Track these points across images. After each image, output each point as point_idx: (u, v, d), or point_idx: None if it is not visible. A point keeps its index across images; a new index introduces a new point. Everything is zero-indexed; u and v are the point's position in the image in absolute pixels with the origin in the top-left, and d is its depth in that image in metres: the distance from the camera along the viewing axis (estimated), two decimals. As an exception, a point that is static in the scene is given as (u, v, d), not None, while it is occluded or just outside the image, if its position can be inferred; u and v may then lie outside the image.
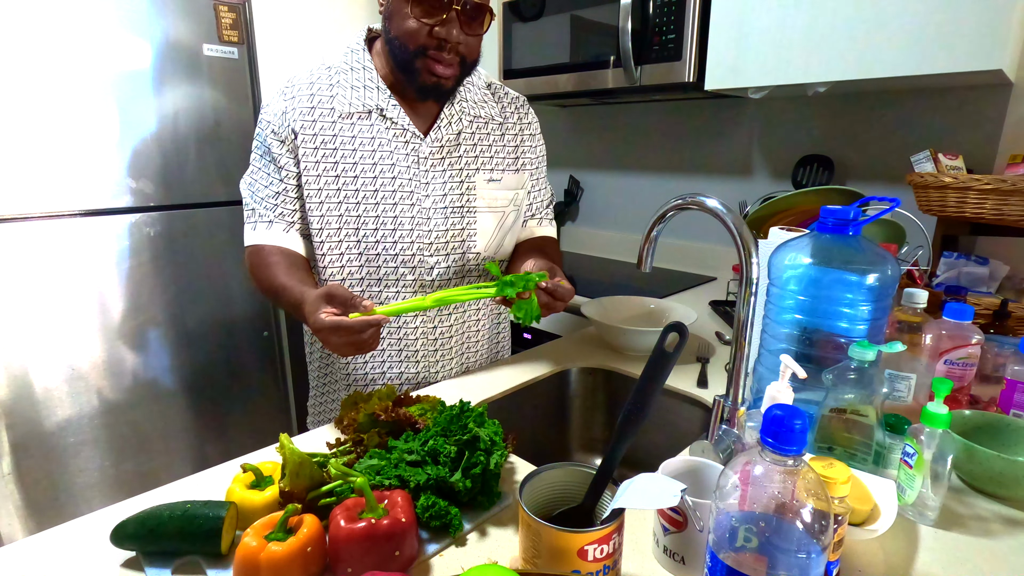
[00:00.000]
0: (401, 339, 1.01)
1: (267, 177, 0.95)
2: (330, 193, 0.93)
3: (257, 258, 0.95)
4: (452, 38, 0.85)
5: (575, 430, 1.16)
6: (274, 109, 0.94)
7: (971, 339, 0.82)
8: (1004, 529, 0.63)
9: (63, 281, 1.51)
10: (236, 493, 0.62)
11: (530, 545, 0.51)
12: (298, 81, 0.95)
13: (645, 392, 0.54)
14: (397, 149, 0.94)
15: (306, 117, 0.92)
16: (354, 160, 0.93)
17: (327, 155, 0.92)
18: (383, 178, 0.94)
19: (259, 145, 0.96)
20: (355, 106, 0.93)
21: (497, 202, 1.02)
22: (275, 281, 0.90)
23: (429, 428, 0.69)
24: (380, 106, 0.93)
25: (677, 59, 1.45)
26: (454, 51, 0.87)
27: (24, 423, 1.49)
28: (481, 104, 1.01)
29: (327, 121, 0.92)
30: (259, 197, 0.95)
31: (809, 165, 1.60)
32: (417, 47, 0.86)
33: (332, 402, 1.08)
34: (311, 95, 0.93)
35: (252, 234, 0.97)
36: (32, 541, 0.61)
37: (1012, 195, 1.02)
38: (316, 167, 0.92)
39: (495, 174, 1.02)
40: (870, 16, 1.17)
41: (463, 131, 0.99)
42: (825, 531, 0.41)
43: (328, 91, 0.93)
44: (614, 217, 2.20)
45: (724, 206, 0.69)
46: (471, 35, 0.88)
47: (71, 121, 1.46)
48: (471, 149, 1.00)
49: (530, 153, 1.07)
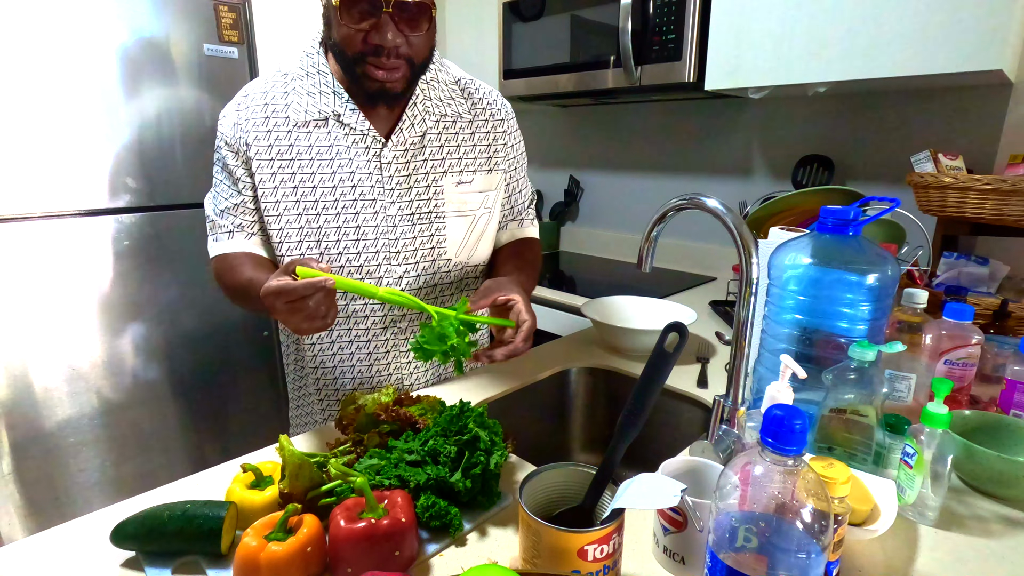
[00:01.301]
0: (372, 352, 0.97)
1: (227, 190, 0.92)
2: (288, 204, 0.90)
3: (222, 265, 0.93)
4: (387, 43, 0.80)
5: (575, 430, 1.16)
6: (227, 121, 0.91)
7: (971, 339, 0.82)
8: (1004, 529, 0.63)
9: (63, 281, 1.51)
10: (236, 493, 0.62)
11: (530, 545, 0.51)
12: (252, 90, 0.92)
13: (645, 392, 0.54)
14: (357, 156, 0.90)
15: (260, 127, 0.89)
16: (312, 170, 0.89)
17: (283, 166, 0.89)
18: (343, 187, 0.90)
19: (217, 159, 0.93)
20: (311, 113, 0.89)
21: (467, 206, 0.98)
22: (242, 277, 0.88)
23: (429, 428, 0.69)
24: (337, 112, 0.89)
25: (677, 59, 1.45)
26: (394, 55, 0.82)
27: (24, 423, 1.49)
28: (447, 102, 0.96)
29: (282, 131, 0.89)
30: (219, 210, 0.93)
31: (809, 165, 1.60)
32: (355, 53, 0.82)
33: (308, 414, 1.05)
34: (265, 104, 0.90)
35: (215, 246, 0.94)
36: (32, 541, 0.61)
37: (1012, 195, 1.02)
38: (273, 178, 0.89)
39: (464, 175, 0.97)
40: (870, 16, 1.17)
41: (428, 132, 0.94)
42: (825, 531, 0.41)
43: (283, 99, 0.90)
44: (614, 217, 2.20)
45: (724, 206, 0.69)
46: (413, 34, 0.82)
47: (71, 121, 1.46)
48: (437, 151, 0.95)
49: (504, 152, 1.01)
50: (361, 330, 0.96)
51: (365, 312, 0.95)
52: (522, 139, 1.08)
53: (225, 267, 0.92)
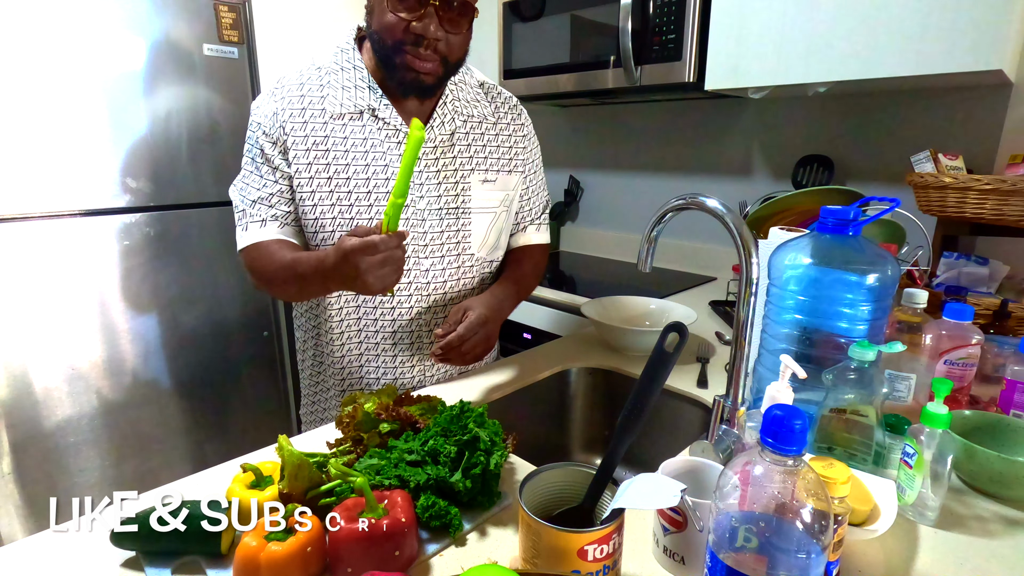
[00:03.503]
0: (396, 343, 1.00)
1: (260, 179, 0.93)
2: (323, 195, 0.92)
3: (256, 252, 0.93)
4: (429, 34, 0.82)
5: (575, 430, 1.16)
6: (264, 110, 0.92)
7: (971, 339, 0.82)
8: (1004, 529, 0.63)
9: (64, 281, 1.51)
10: (236, 493, 0.62)
11: (530, 545, 0.51)
12: (287, 82, 0.93)
13: (645, 392, 0.54)
14: (390, 150, 0.92)
15: (296, 119, 0.90)
16: (347, 161, 0.91)
17: (319, 156, 0.91)
18: (376, 179, 0.92)
19: (251, 147, 0.94)
20: (346, 107, 0.91)
21: (490, 203, 1.01)
22: (284, 259, 0.89)
23: (429, 428, 0.69)
24: (372, 106, 0.91)
25: (677, 59, 1.45)
26: (432, 48, 0.84)
27: (24, 423, 1.49)
28: (474, 103, 1.00)
29: (318, 122, 0.91)
30: (250, 200, 0.93)
31: (809, 165, 1.60)
32: (395, 41, 0.84)
33: (324, 411, 1.07)
34: (301, 96, 0.91)
35: (244, 235, 0.94)
36: (32, 541, 0.61)
37: (1012, 195, 1.02)
38: (309, 169, 0.91)
39: (489, 175, 1.01)
40: (870, 16, 1.17)
41: (456, 131, 0.97)
42: (825, 531, 0.41)
43: (319, 92, 0.92)
44: (614, 217, 2.20)
45: (724, 206, 0.69)
46: (452, 33, 0.85)
47: (71, 121, 1.46)
48: (465, 149, 0.98)
49: (523, 155, 1.06)
50: (388, 320, 0.98)
51: (391, 304, 0.98)
52: (539, 144, 1.11)
53: (260, 255, 0.92)
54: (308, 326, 1.05)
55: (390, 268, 0.75)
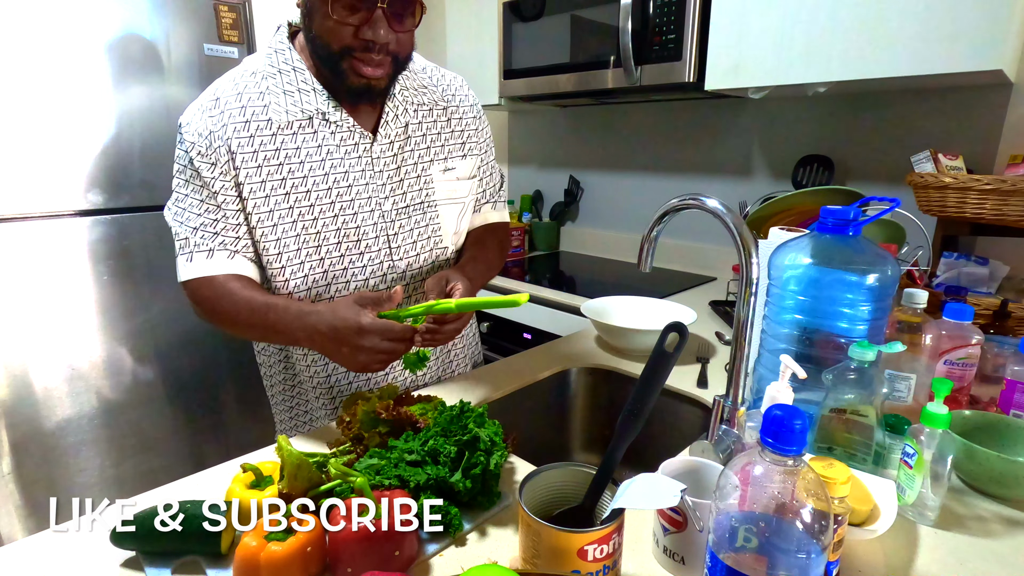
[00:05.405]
0: None
1: (199, 203, 0.84)
2: (282, 213, 0.84)
3: (209, 290, 0.84)
4: (380, 39, 0.76)
5: (575, 430, 1.16)
6: (197, 128, 0.82)
7: (971, 339, 0.82)
8: (1004, 529, 0.63)
9: (63, 281, 1.51)
10: (236, 493, 0.62)
11: (530, 545, 0.51)
12: (223, 93, 0.84)
13: (645, 392, 0.54)
14: (348, 153, 0.87)
15: (241, 133, 0.82)
16: (304, 173, 0.84)
17: (272, 171, 0.83)
18: (338, 187, 0.86)
19: (182, 169, 0.86)
20: (293, 113, 0.83)
21: (456, 193, 0.97)
22: (252, 301, 0.81)
23: (429, 428, 0.69)
24: (321, 109, 0.84)
25: (677, 59, 1.45)
26: (383, 51, 0.79)
27: (24, 423, 1.49)
28: (421, 91, 0.94)
29: (266, 134, 0.83)
30: (191, 227, 0.85)
31: (809, 165, 1.60)
32: (341, 47, 0.78)
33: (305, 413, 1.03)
34: (242, 108, 0.82)
35: (189, 267, 0.85)
36: (32, 541, 0.61)
37: (1012, 195, 1.02)
38: (263, 187, 0.83)
39: (449, 162, 0.96)
40: (870, 16, 1.17)
41: (409, 123, 0.92)
42: (825, 531, 0.41)
43: (259, 100, 0.83)
44: (614, 217, 2.20)
45: (724, 206, 0.69)
46: (401, 31, 0.79)
47: (71, 121, 1.46)
48: (421, 141, 0.93)
49: (476, 136, 1.00)
50: None
51: None
52: (488, 124, 1.06)
53: (215, 292, 0.84)
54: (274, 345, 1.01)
55: (386, 357, 0.72)
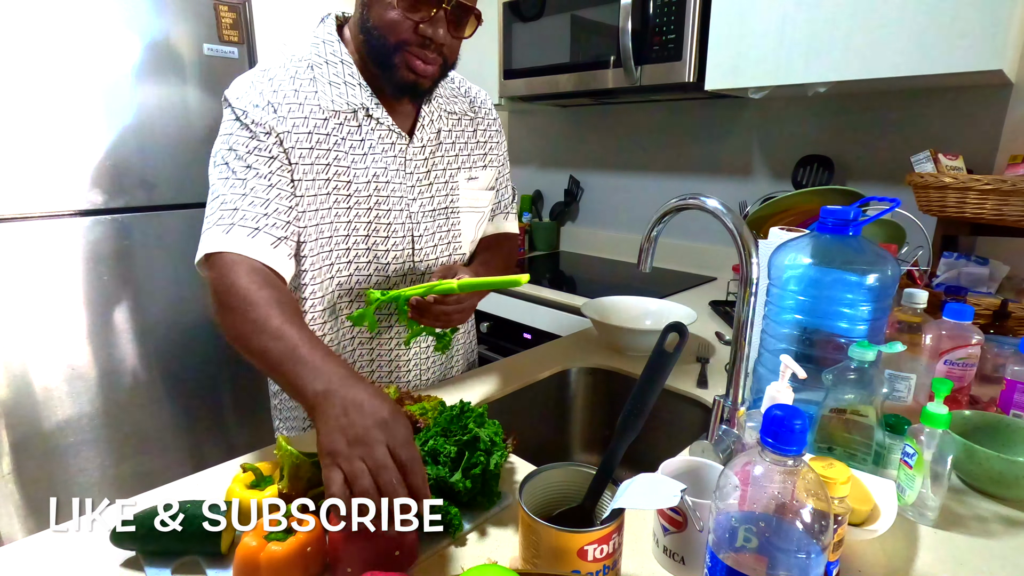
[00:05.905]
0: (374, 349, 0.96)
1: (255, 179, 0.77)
2: (321, 199, 0.83)
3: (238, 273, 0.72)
4: (438, 38, 0.79)
5: (575, 430, 1.16)
6: (251, 99, 0.79)
7: (971, 339, 0.82)
8: (1004, 529, 0.63)
9: (63, 281, 1.51)
10: (236, 493, 0.62)
11: (530, 545, 0.51)
12: (274, 73, 0.82)
13: (645, 392, 0.54)
14: (385, 152, 0.88)
15: (296, 113, 0.81)
16: (347, 164, 0.84)
17: (320, 156, 0.82)
18: (377, 182, 0.87)
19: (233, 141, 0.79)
20: (338, 104, 0.84)
21: (478, 201, 1.00)
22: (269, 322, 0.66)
23: (429, 428, 0.69)
24: (365, 105, 0.85)
25: (677, 59, 1.45)
26: (437, 51, 0.81)
27: (24, 423, 1.49)
28: (454, 100, 0.98)
29: (319, 118, 0.82)
30: (239, 193, 0.76)
31: (809, 165, 1.60)
32: (398, 40, 0.79)
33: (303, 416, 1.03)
34: (296, 90, 0.82)
35: (224, 238, 0.73)
36: (32, 541, 0.61)
37: (1012, 195, 1.02)
38: (311, 169, 0.82)
39: (473, 171, 0.99)
40: (870, 16, 1.17)
41: (442, 129, 0.95)
42: (825, 531, 0.41)
43: (310, 86, 0.83)
44: (614, 217, 2.20)
45: (724, 206, 0.69)
46: (457, 36, 0.82)
47: (71, 121, 1.46)
48: (451, 148, 0.96)
49: (496, 149, 1.04)
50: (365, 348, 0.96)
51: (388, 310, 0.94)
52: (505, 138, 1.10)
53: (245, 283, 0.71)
54: None
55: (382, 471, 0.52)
